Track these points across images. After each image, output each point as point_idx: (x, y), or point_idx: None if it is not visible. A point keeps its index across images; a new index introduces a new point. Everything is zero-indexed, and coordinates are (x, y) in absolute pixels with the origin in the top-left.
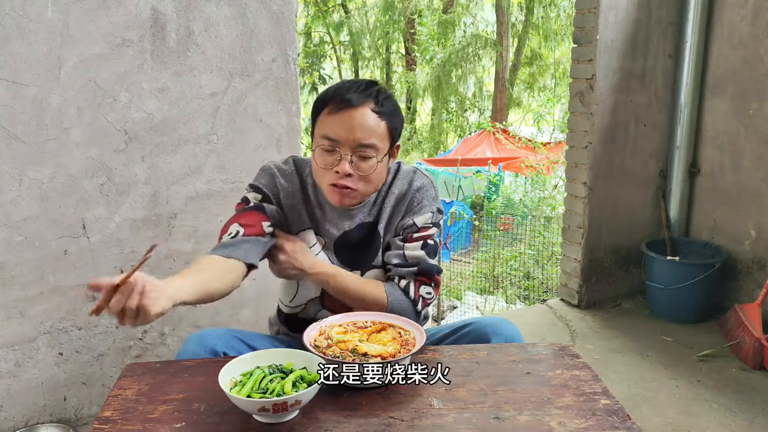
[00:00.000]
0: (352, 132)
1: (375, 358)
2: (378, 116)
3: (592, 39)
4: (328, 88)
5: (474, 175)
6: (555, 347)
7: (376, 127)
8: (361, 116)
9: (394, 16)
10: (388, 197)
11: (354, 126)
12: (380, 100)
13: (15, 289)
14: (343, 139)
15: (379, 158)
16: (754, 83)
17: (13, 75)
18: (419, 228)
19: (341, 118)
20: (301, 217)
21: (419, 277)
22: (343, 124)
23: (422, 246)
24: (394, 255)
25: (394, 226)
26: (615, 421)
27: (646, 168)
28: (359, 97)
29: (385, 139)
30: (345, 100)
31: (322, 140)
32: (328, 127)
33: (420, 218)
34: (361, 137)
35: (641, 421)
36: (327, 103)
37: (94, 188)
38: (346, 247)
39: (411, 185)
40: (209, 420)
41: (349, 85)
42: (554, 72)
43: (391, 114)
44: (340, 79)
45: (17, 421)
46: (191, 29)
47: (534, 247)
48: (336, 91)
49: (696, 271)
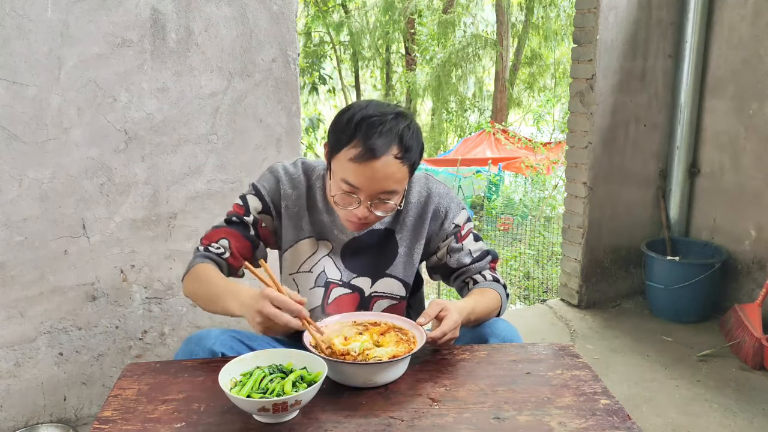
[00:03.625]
0: (374, 183)
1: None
2: (401, 161)
3: (592, 39)
4: (352, 117)
5: (474, 175)
6: (555, 347)
7: (398, 174)
8: (384, 166)
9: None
10: (405, 206)
11: (377, 177)
12: (404, 142)
13: (15, 289)
14: (364, 187)
15: (398, 199)
16: (754, 83)
17: (13, 75)
18: (462, 225)
19: (364, 169)
20: (301, 226)
21: (491, 263)
22: (366, 175)
23: (475, 239)
24: (462, 256)
25: (420, 234)
26: (615, 421)
27: (646, 168)
28: (383, 143)
29: (405, 180)
30: (369, 149)
31: (342, 183)
32: (349, 175)
33: (458, 218)
34: (383, 187)
35: (641, 421)
36: (349, 141)
37: (94, 188)
38: (356, 254)
39: (431, 193)
40: (209, 420)
41: (373, 121)
42: (554, 72)
43: (414, 152)
44: (368, 99)
45: (17, 421)
46: (191, 29)
47: (534, 247)
48: (358, 130)
49: (696, 271)
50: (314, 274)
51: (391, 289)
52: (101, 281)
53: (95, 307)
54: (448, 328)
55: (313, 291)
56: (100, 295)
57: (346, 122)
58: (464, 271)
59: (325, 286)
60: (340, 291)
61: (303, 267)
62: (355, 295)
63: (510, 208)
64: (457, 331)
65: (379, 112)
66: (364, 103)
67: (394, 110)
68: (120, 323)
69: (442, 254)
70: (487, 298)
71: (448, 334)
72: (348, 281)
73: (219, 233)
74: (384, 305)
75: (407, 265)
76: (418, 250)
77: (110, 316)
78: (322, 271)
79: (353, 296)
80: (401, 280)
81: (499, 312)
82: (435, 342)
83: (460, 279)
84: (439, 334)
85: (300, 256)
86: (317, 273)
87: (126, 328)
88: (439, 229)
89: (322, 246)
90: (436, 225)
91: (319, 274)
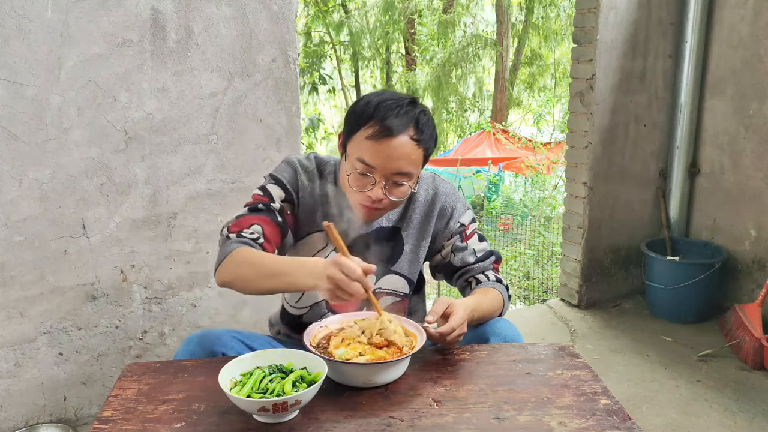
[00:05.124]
0: (389, 161)
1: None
2: (416, 144)
3: (592, 39)
4: (369, 101)
5: (474, 175)
6: (555, 347)
7: (413, 155)
8: (400, 146)
9: (394, 16)
10: (412, 204)
11: (392, 156)
12: (420, 126)
13: (15, 289)
14: (379, 167)
15: (412, 183)
16: (754, 83)
17: (13, 75)
18: (467, 225)
19: (380, 147)
20: (314, 219)
21: (494, 264)
22: (381, 153)
23: (479, 239)
24: (466, 255)
25: (426, 232)
26: (615, 421)
27: (646, 168)
28: (400, 123)
29: (419, 165)
30: (386, 128)
31: (358, 163)
32: (365, 153)
33: (464, 218)
34: (398, 167)
35: (641, 421)
36: (366, 122)
37: (94, 188)
38: (362, 250)
39: (437, 192)
40: (209, 420)
41: (390, 104)
42: (554, 72)
43: (429, 138)
44: (382, 89)
45: (17, 421)
46: (191, 29)
47: (534, 247)
48: (377, 111)
49: (696, 271)
50: None
51: (395, 286)
52: (101, 281)
53: (95, 307)
54: (456, 324)
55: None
56: (100, 295)
57: (363, 106)
58: (467, 271)
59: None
60: None
61: None
62: None
63: (510, 208)
64: (465, 327)
65: (396, 98)
66: (379, 91)
67: (409, 97)
68: (120, 323)
69: (446, 253)
70: (489, 298)
71: (456, 330)
72: None
73: (250, 219)
74: (388, 302)
75: (412, 263)
76: (424, 248)
77: (110, 316)
78: None
79: None
80: (406, 278)
81: (501, 312)
82: (444, 338)
83: (463, 278)
84: (448, 329)
85: (311, 249)
86: None
87: (126, 328)
88: (445, 228)
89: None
90: (442, 223)
91: None
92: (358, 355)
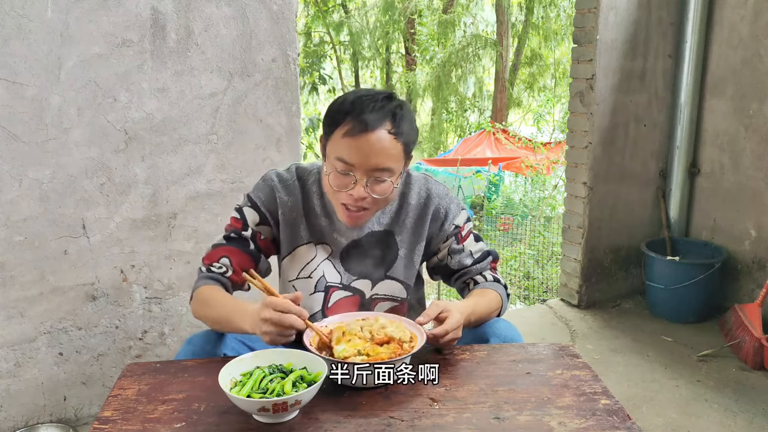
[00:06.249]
0: (368, 157)
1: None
2: (394, 137)
3: (592, 39)
4: (344, 101)
5: (474, 175)
6: (555, 347)
7: (392, 150)
8: (378, 140)
9: (394, 16)
10: (405, 207)
11: (370, 151)
12: (397, 120)
13: (15, 289)
14: (358, 163)
15: (394, 179)
16: (754, 83)
17: (13, 75)
18: (462, 226)
19: (357, 143)
20: (298, 232)
21: (491, 264)
22: (359, 149)
23: (476, 239)
24: (463, 257)
25: (420, 235)
26: (615, 421)
27: (646, 168)
28: (376, 118)
29: (400, 160)
30: (362, 123)
31: (337, 162)
32: (343, 151)
33: (458, 219)
34: (377, 162)
35: (641, 421)
36: (342, 120)
37: (94, 188)
38: (356, 256)
39: (430, 194)
40: (209, 420)
41: (365, 100)
42: (554, 72)
43: (407, 132)
44: (356, 88)
45: (17, 421)
46: (191, 29)
47: (534, 247)
48: (352, 109)
49: (696, 271)
50: (314, 279)
51: (392, 292)
52: (101, 281)
53: (95, 307)
54: (451, 327)
55: (313, 296)
56: (100, 295)
57: (339, 104)
58: (465, 272)
59: (324, 291)
60: (340, 294)
61: (302, 273)
62: (356, 298)
63: (510, 208)
64: (460, 331)
65: (372, 93)
66: (355, 90)
67: (385, 92)
68: (120, 323)
69: (442, 255)
70: (487, 299)
71: (450, 334)
72: (348, 284)
73: (219, 252)
74: (385, 307)
75: (408, 267)
76: (419, 252)
77: (110, 316)
78: (322, 276)
79: (354, 299)
80: (402, 282)
81: (499, 312)
82: (436, 340)
83: (461, 280)
84: (441, 331)
85: (298, 263)
86: (317, 278)
87: (126, 328)
88: (440, 231)
89: (321, 250)
90: (436, 226)
91: (319, 279)
92: (357, 353)
